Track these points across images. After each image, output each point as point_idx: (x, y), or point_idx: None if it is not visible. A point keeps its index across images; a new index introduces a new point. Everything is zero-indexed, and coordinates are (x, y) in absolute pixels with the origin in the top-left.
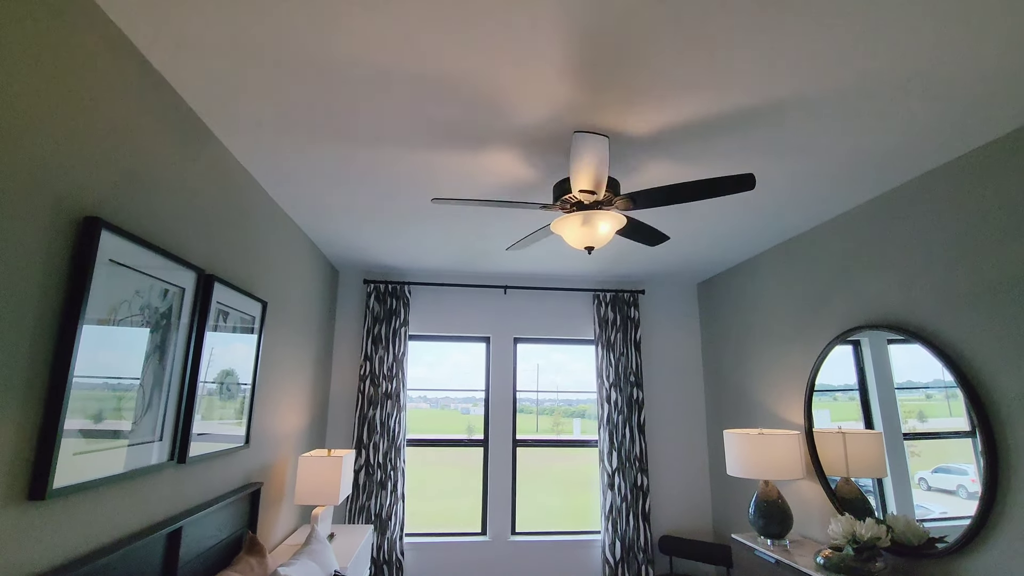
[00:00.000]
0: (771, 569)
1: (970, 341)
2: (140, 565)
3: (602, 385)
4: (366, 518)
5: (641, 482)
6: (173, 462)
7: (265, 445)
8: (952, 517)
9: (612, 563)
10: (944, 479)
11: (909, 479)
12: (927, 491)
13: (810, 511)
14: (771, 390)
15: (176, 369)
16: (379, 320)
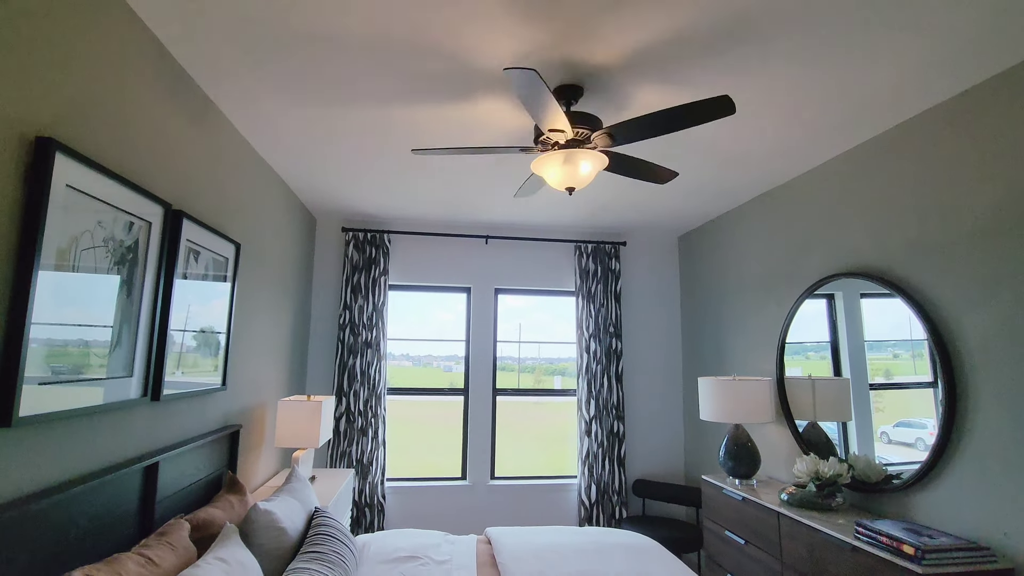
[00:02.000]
0: (737, 506)
1: (939, 288)
2: (117, 498)
3: (582, 336)
4: (347, 464)
5: (617, 429)
6: (147, 399)
7: (243, 389)
8: (908, 462)
9: (587, 505)
10: (904, 432)
11: (872, 425)
12: (888, 444)
13: (777, 454)
14: (746, 341)
15: (146, 305)
16: (358, 269)
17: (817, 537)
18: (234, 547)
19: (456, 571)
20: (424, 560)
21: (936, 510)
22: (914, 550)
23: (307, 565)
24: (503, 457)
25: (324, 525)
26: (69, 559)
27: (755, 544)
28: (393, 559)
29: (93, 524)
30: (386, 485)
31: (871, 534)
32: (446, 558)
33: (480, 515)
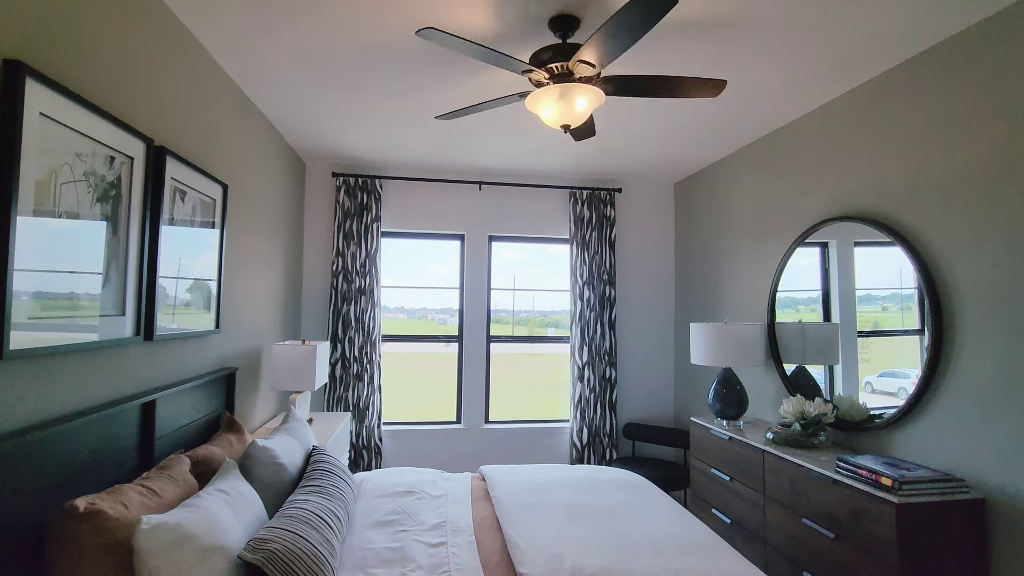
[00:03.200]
0: (724, 445)
1: (934, 232)
2: (117, 433)
3: (575, 283)
4: (344, 408)
5: (609, 375)
6: (139, 338)
7: (237, 333)
8: (890, 407)
9: (579, 447)
10: (888, 382)
11: (857, 370)
12: (872, 393)
13: (765, 396)
14: (738, 287)
15: (133, 242)
16: (350, 215)
17: (800, 472)
18: (234, 480)
19: (451, 504)
20: (420, 495)
21: (915, 446)
22: (892, 482)
23: (306, 497)
24: (497, 406)
25: (322, 461)
26: (72, 489)
27: (740, 480)
28: (390, 494)
29: (94, 457)
30: (382, 429)
31: (851, 468)
32: (441, 493)
33: (475, 457)
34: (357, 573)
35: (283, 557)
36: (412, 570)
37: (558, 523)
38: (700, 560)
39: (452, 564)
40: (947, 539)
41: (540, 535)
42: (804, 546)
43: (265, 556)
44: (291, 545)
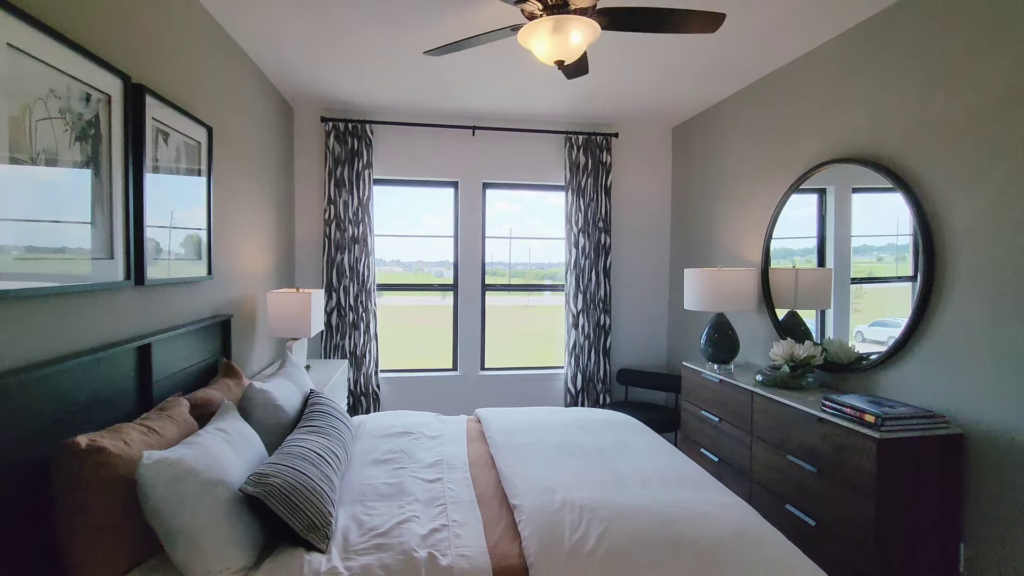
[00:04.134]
0: (714, 388)
1: (932, 172)
2: (114, 376)
3: (571, 231)
4: (340, 356)
5: (604, 322)
6: (130, 282)
7: (230, 280)
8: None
9: (573, 392)
10: (878, 332)
11: (849, 315)
12: (862, 343)
13: (756, 341)
14: (734, 232)
15: (117, 185)
16: (340, 162)
17: (786, 411)
18: (233, 420)
19: (447, 444)
20: (417, 435)
21: (899, 386)
22: (875, 418)
23: (304, 436)
24: (493, 357)
25: (319, 404)
26: (73, 429)
27: (728, 421)
28: (387, 434)
29: (93, 398)
30: (380, 376)
31: (837, 406)
32: (438, 434)
33: (470, 403)
34: (356, 506)
35: (283, 490)
36: (409, 503)
37: (550, 460)
38: (687, 492)
39: (448, 498)
40: (924, 471)
41: (533, 471)
42: (788, 480)
43: (266, 489)
44: (291, 480)
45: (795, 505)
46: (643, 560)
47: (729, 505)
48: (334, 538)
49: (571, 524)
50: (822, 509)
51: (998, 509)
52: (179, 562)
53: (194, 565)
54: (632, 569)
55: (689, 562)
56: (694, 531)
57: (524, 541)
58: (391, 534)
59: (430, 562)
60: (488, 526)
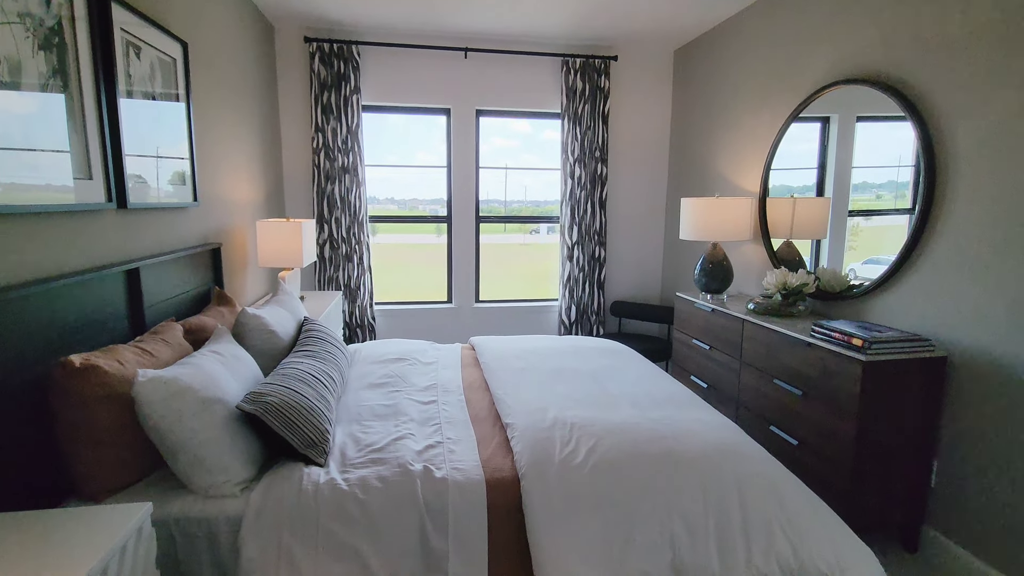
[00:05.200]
0: (706, 317)
1: (941, 91)
2: (104, 299)
3: (566, 161)
4: (335, 288)
5: (599, 254)
6: (112, 205)
7: (218, 208)
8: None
9: (567, 324)
10: (871, 269)
11: (844, 244)
12: (854, 280)
13: (750, 271)
14: (733, 162)
15: (88, 99)
16: (327, 87)
17: (776, 337)
18: (227, 343)
19: (442, 370)
20: (412, 361)
21: (888, 312)
22: (862, 342)
23: (300, 359)
24: (488, 293)
25: (314, 330)
26: (65, 350)
27: (719, 349)
28: (383, 360)
29: (84, 321)
30: (375, 308)
31: (826, 332)
32: (432, 360)
33: (465, 334)
34: (353, 425)
35: (280, 408)
36: (405, 422)
37: (543, 383)
38: (675, 411)
39: (442, 418)
40: (906, 392)
41: (525, 392)
42: (773, 403)
43: (263, 407)
44: (287, 399)
45: (779, 426)
46: (631, 471)
47: (716, 423)
48: (332, 454)
49: (562, 440)
50: (805, 430)
51: (973, 428)
52: (181, 475)
53: (196, 478)
54: (620, 479)
55: (676, 473)
56: (681, 446)
57: (516, 455)
58: (387, 450)
59: (425, 474)
60: (481, 443)
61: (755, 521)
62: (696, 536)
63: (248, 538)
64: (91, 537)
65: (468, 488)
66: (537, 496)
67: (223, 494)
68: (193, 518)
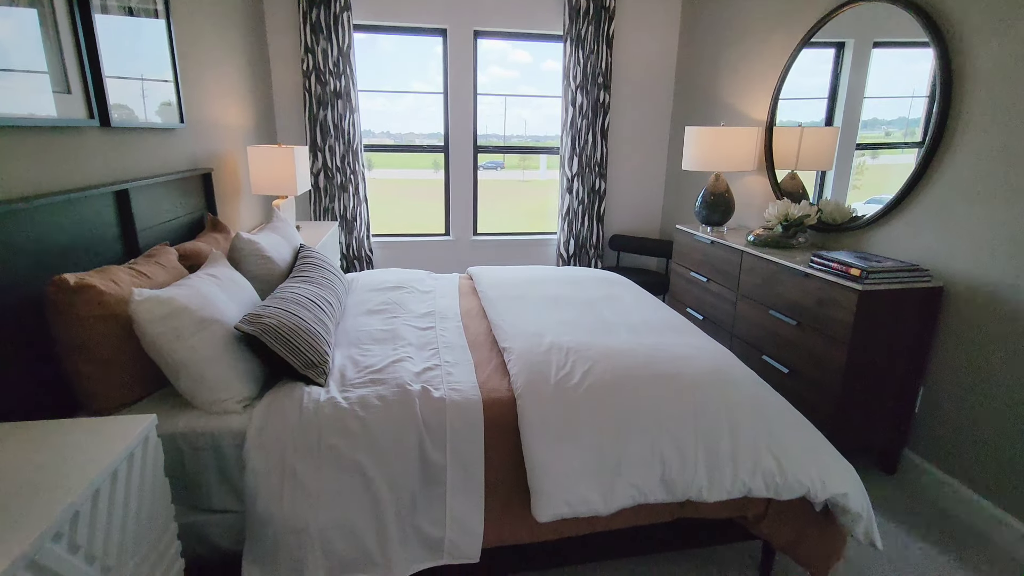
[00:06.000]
0: (705, 249)
1: (965, 12)
2: (94, 220)
3: (568, 87)
4: (330, 219)
5: (599, 186)
6: (95, 122)
7: (206, 132)
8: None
9: (565, 257)
10: (873, 209)
11: (849, 177)
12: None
13: (752, 203)
14: (741, 88)
15: (62, 13)
16: (316, 3)
17: (774, 269)
18: (223, 267)
19: (439, 298)
20: (409, 289)
21: (890, 244)
22: (860, 271)
23: (297, 284)
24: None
25: (310, 257)
26: (59, 269)
27: (716, 281)
28: (380, 288)
29: (75, 243)
30: (372, 240)
31: (824, 262)
32: (430, 288)
33: (463, 266)
34: (352, 349)
35: (279, 330)
36: (403, 346)
37: (540, 310)
38: (671, 337)
39: (440, 343)
40: (900, 322)
41: (522, 319)
42: (767, 333)
43: (261, 328)
44: (286, 321)
45: (771, 356)
46: (625, 392)
47: (710, 348)
48: (331, 375)
49: (558, 363)
50: (796, 358)
51: (963, 356)
52: (185, 392)
53: (199, 395)
54: (614, 399)
55: (669, 394)
56: (675, 369)
57: (512, 377)
58: (386, 371)
59: (424, 394)
60: (479, 366)
61: (744, 441)
62: (686, 453)
63: (252, 452)
64: (99, 445)
65: (465, 407)
66: (533, 414)
67: (226, 410)
68: (198, 432)
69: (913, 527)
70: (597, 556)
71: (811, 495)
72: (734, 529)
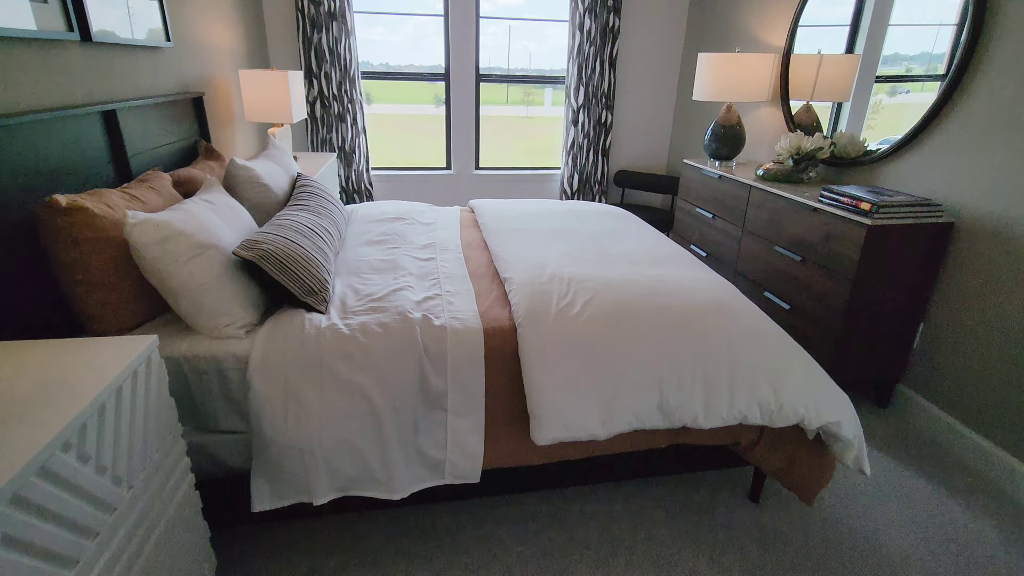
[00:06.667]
0: (713, 184)
1: None
2: (82, 141)
3: (575, 10)
4: (328, 150)
5: (605, 119)
6: (75, 35)
7: (195, 53)
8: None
9: (569, 193)
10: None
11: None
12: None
13: (763, 137)
14: (759, 11)
15: None
16: None
17: (781, 203)
18: (219, 193)
19: (440, 230)
20: (410, 221)
21: (902, 179)
22: (870, 205)
23: (295, 212)
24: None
25: (308, 186)
26: (50, 191)
27: (722, 217)
28: (381, 219)
29: (66, 164)
30: (371, 173)
31: (834, 196)
32: (431, 221)
33: (464, 200)
34: (352, 278)
35: (278, 256)
36: (403, 276)
37: (542, 242)
38: (673, 269)
39: (441, 273)
40: (906, 258)
41: (524, 250)
42: (771, 270)
43: (259, 254)
44: (284, 247)
45: (773, 292)
46: (626, 321)
47: (713, 281)
48: (332, 302)
49: (559, 293)
50: (798, 295)
51: (967, 292)
52: (185, 317)
53: (199, 320)
54: (615, 328)
55: (669, 324)
56: (676, 300)
57: (513, 307)
58: (387, 299)
59: (424, 322)
60: (480, 296)
61: (742, 370)
62: (684, 381)
63: (255, 376)
64: (102, 363)
65: (466, 335)
66: (533, 342)
67: (228, 335)
68: (201, 356)
69: (901, 458)
70: (592, 479)
71: (805, 423)
72: (726, 455)
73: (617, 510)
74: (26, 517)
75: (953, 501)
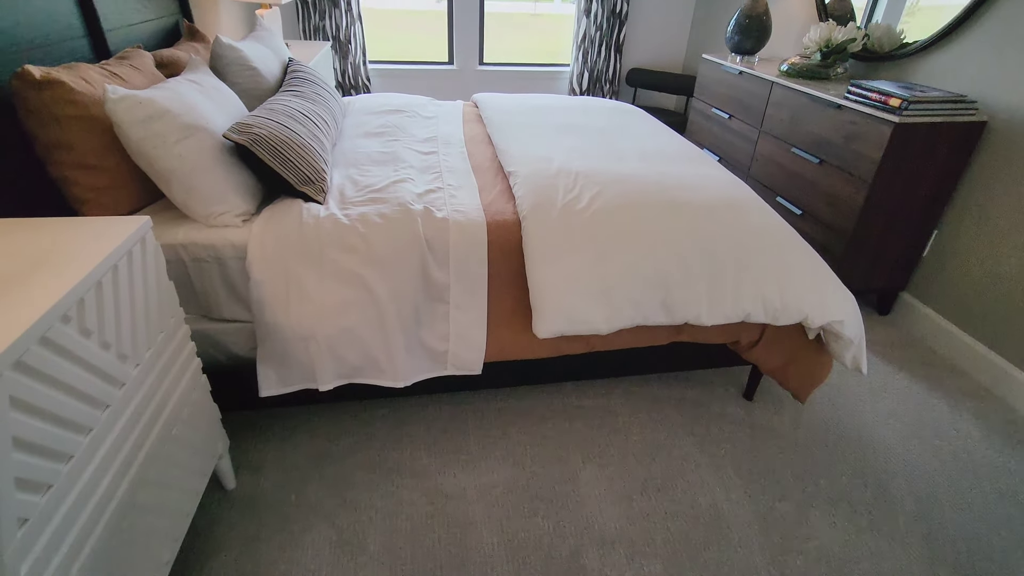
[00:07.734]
0: (732, 81)
1: None
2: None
3: None
4: (322, 39)
5: (620, 8)
6: None
7: None
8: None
9: (578, 92)
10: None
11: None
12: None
13: (791, 29)
14: None
15: None
16: None
17: (803, 101)
18: (206, 75)
19: (442, 125)
20: (411, 114)
21: (937, 75)
22: (900, 101)
23: (288, 98)
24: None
25: (301, 71)
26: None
27: (738, 117)
28: (380, 111)
29: (34, 38)
30: (369, 67)
31: (863, 92)
32: (432, 115)
33: (468, 96)
34: (350, 169)
35: (271, 142)
36: (404, 168)
37: (549, 136)
38: (683, 166)
39: (443, 166)
40: (929, 160)
41: (530, 145)
42: (785, 173)
43: (252, 138)
44: (278, 133)
45: (786, 196)
46: (633, 215)
47: (722, 177)
48: (330, 192)
49: (565, 187)
50: (812, 199)
51: (989, 198)
52: (179, 204)
53: (193, 207)
54: (621, 221)
55: (677, 219)
56: (686, 196)
57: (518, 200)
58: (387, 191)
59: (426, 214)
60: (483, 190)
61: (748, 267)
62: (690, 276)
63: (255, 264)
64: (94, 241)
65: (469, 228)
66: (537, 234)
67: (224, 224)
68: (199, 244)
69: (895, 360)
70: (592, 374)
71: (808, 321)
72: (724, 354)
73: (615, 403)
74: (32, 383)
75: (942, 401)
